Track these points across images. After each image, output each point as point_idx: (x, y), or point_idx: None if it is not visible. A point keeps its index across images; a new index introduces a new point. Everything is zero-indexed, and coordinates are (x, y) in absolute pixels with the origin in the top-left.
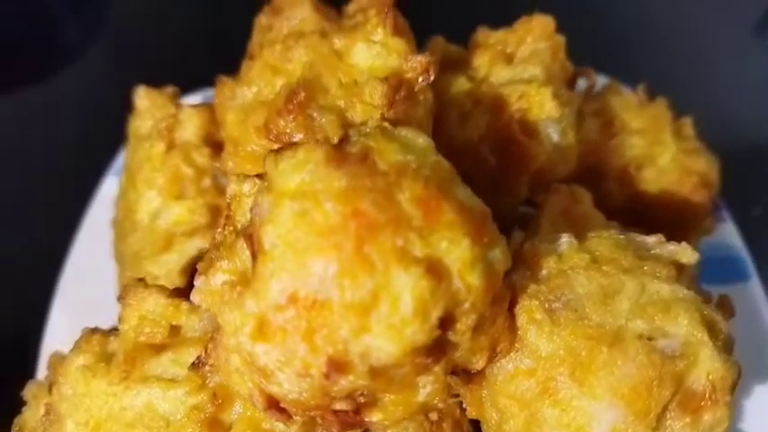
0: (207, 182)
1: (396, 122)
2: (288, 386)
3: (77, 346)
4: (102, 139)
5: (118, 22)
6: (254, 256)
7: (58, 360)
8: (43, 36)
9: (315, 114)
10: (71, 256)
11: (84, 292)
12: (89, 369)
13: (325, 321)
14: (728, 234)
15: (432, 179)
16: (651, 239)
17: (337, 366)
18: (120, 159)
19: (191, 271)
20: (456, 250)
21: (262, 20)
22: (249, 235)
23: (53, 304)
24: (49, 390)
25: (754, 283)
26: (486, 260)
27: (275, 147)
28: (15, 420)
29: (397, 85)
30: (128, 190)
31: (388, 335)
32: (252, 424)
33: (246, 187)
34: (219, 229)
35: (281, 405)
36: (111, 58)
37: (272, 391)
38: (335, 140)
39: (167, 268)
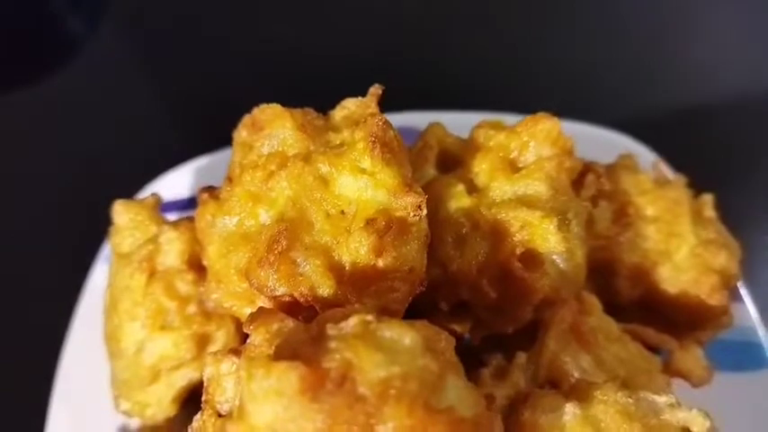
0: (192, 309)
1: (385, 272)
2: None
3: None
4: (109, 130)
5: (118, 10)
6: None
7: None
8: (44, 30)
9: (299, 260)
10: (65, 357)
11: (81, 389)
12: None
13: None
14: (745, 316)
15: (418, 397)
16: (662, 401)
17: None
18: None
19: (181, 400)
20: None
21: (242, 134)
22: None
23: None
24: None
25: None
26: None
27: (257, 293)
28: None
29: (385, 228)
30: (111, 313)
31: None
32: None
33: (224, 368)
34: (198, 416)
35: None
36: (114, 48)
37: None
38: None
39: (157, 397)
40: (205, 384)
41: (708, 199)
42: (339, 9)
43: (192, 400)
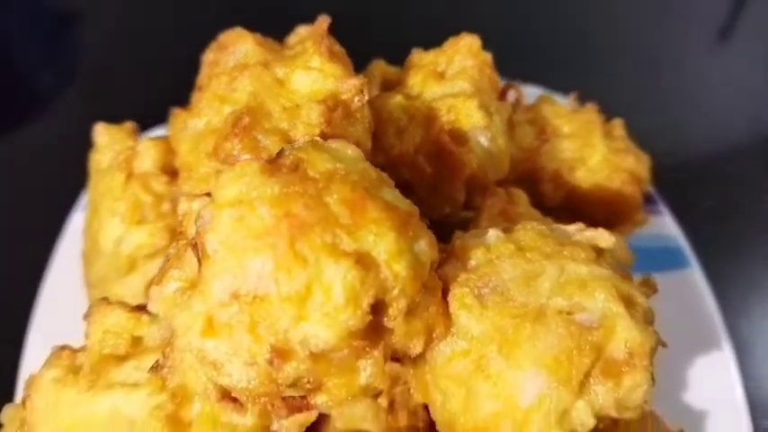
0: (165, 206)
1: (333, 137)
2: (237, 376)
3: (48, 362)
4: (78, 182)
5: (90, 66)
6: (199, 262)
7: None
8: (16, 84)
9: (260, 137)
10: (44, 288)
11: (58, 322)
12: (59, 381)
13: (265, 314)
14: (667, 226)
15: (359, 183)
16: (572, 228)
17: (280, 354)
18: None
19: None
20: (382, 243)
21: (209, 55)
22: (194, 244)
23: (28, 336)
24: (23, 406)
25: (693, 269)
26: (411, 251)
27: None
28: None
29: (333, 105)
30: (92, 221)
31: (324, 322)
32: (210, 419)
33: (196, 205)
34: (174, 244)
35: (233, 395)
36: (85, 103)
37: (224, 382)
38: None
39: (132, 288)
40: (179, 219)
41: (618, 122)
42: None
43: None
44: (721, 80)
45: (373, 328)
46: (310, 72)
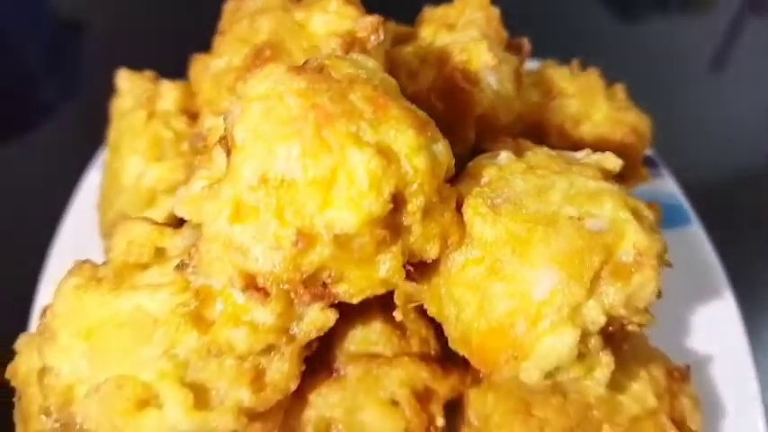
0: (185, 146)
1: None
2: (262, 260)
3: (69, 273)
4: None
5: (93, 77)
6: (228, 154)
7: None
8: (18, 95)
9: None
10: (58, 238)
11: None
12: (81, 287)
13: (292, 198)
14: (667, 187)
15: (380, 87)
16: (579, 154)
17: (305, 238)
18: (102, 157)
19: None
20: (402, 138)
21: (230, 4)
22: (224, 138)
23: (39, 289)
24: (44, 315)
25: (694, 225)
26: (429, 149)
27: None
28: (8, 367)
29: (350, 42)
30: (112, 161)
31: (348, 207)
32: (233, 318)
33: (221, 120)
34: (199, 156)
35: (258, 285)
36: (87, 115)
37: (249, 267)
38: None
39: None
40: (205, 134)
41: (620, 86)
42: None
43: None
44: (717, 101)
45: (392, 226)
46: (328, 15)
